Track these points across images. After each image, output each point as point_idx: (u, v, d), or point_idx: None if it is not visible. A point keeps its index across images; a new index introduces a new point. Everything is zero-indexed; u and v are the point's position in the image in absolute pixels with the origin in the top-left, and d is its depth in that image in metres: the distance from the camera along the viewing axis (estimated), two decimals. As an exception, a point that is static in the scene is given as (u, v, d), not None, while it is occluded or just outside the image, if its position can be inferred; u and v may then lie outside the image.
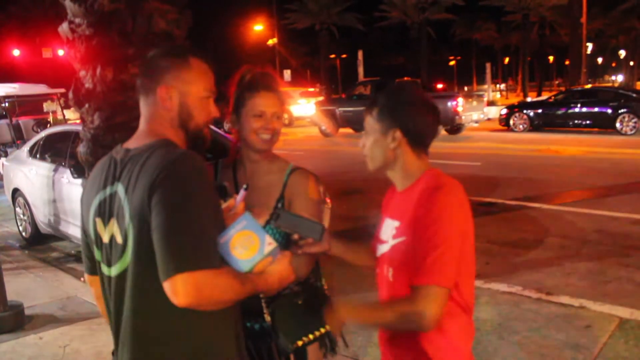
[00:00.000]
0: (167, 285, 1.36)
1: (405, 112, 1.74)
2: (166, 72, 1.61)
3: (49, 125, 12.24)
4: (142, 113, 1.65)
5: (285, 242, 1.87)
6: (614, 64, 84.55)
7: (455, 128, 17.98)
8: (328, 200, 6.41)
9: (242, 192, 1.75)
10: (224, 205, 1.72)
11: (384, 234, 1.83)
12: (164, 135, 1.61)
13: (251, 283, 1.50)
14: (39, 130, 11.36)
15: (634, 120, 16.83)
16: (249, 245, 1.51)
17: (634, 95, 17.99)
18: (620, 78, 71.45)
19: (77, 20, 2.30)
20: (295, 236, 1.78)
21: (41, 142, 7.67)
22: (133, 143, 1.61)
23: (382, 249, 1.82)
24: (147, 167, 1.49)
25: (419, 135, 1.76)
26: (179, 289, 1.34)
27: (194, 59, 1.64)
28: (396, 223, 1.76)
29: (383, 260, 1.82)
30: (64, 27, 2.35)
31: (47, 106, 13.55)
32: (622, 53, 69.70)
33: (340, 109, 19.92)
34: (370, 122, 1.78)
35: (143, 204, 1.44)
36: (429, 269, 1.57)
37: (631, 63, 66.39)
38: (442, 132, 17.57)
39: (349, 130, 20.08)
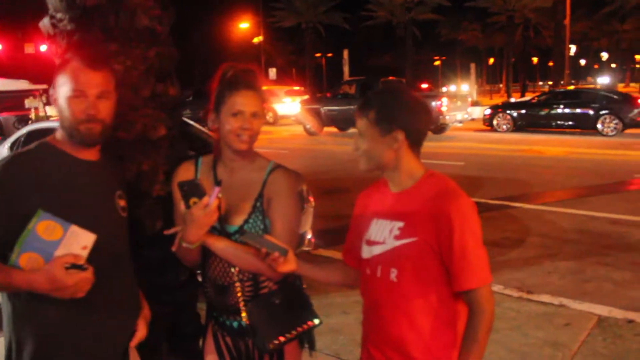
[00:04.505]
0: None
1: (405, 113, 1.75)
2: (54, 76, 1.77)
3: (30, 121, 12.11)
4: None
5: None
6: (596, 66, 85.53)
7: (439, 128, 18.05)
8: (311, 199, 6.38)
9: (216, 189, 1.74)
10: (199, 203, 1.72)
11: (376, 234, 1.82)
12: (52, 135, 1.85)
13: (4, 274, 1.59)
14: (20, 126, 11.24)
15: (614, 122, 17.03)
16: (21, 240, 1.60)
17: (615, 96, 18.21)
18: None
19: (59, 15, 2.27)
20: (264, 250, 1.76)
21: (22, 139, 7.57)
22: None
23: (375, 250, 1.81)
24: None
25: (418, 136, 1.79)
26: None
27: (73, 61, 1.75)
28: (398, 224, 1.76)
29: (378, 261, 1.80)
30: (44, 22, 2.31)
31: (29, 102, 13.42)
32: (605, 55, 70.57)
33: (325, 107, 19.92)
34: (366, 124, 1.76)
35: None
36: (476, 271, 1.69)
37: (613, 65, 67.27)
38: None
39: (333, 129, 20.09)
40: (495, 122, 19.46)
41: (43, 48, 31.73)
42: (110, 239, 1.78)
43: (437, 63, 78.55)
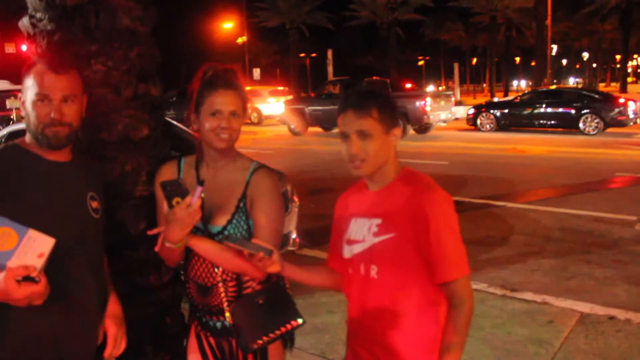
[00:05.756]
0: None
1: (397, 110, 1.81)
2: (21, 80, 1.76)
3: (11, 122, 11.96)
4: None
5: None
6: (577, 66, 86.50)
7: (423, 127, 18.15)
8: (296, 199, 6.36)
9: (198, 189, 1.73)
10: (181, 202, 1.71)
11: (356, 233, 1.83)
12: (21, 138, 1.82)
13: None
14: (1, 127, 11.09)
15: (596, 121, 17.24)
16: None
17: (597, 96, 18.43)
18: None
19: (38, 15, 2.25)
20: (246, 251, 1.74)
21: (3, 140, 7.49)
22: None
23: (356, 248, 1.83)
24: None
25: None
26: None
27: (38, 66, 1.74)
28: (377, 221, 1.77)
29: (359, 259, 1.82)
30: (24, 22, 2.29)
31: (10, 103, 13.22)
32: (586, 55, 71.40)
33: (310, 107, 19.91)
34: (372, 123, 1.73)
35: None
36: (456, 263, 1.71)
37: (594, 65, 68.05)
38: (411, 131, 17.76)
39: (318, 129, 20.09)
40: (478, 121, 19.60)
41: (24, 48, 31.33)
42: (79, 240, 1.76)
43: (420, 63, 78.92)
